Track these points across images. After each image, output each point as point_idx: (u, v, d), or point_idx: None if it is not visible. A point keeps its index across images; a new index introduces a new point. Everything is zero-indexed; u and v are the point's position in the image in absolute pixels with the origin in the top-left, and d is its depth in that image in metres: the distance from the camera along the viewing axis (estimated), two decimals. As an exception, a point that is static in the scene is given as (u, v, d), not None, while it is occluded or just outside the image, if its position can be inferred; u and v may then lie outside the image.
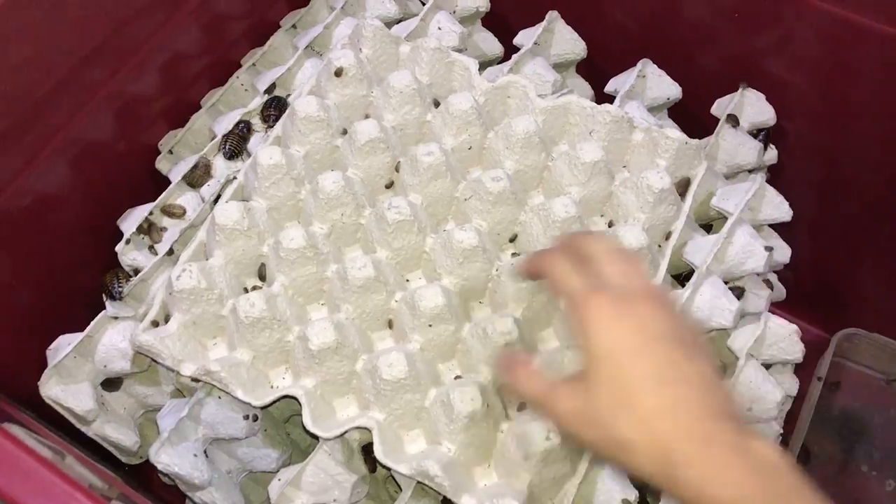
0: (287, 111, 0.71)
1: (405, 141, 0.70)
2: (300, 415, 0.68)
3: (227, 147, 0.72)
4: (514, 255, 0.66)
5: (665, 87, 0.77)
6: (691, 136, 0.68)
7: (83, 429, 0.66)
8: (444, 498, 0.60)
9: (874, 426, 0.83)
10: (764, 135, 0.76)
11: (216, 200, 0.70)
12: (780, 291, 0.76)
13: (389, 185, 0.69)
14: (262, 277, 0.66)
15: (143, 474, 0.71)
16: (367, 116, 0.71)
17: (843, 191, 0.79)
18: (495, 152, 0.68)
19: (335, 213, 0.64)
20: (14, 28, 0.63)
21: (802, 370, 0.71)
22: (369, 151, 0.66)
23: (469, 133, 0.68)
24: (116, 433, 0.66)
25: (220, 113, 0.78)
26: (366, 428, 0.58)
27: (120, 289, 0.67)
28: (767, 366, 0.66)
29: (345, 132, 0.69)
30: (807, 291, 0.81)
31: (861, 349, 0.84)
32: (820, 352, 0.81)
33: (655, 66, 0.77)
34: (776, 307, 0.74)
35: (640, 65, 0.76)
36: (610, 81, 0.78)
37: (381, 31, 0.73)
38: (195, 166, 0.72)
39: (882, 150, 0.73)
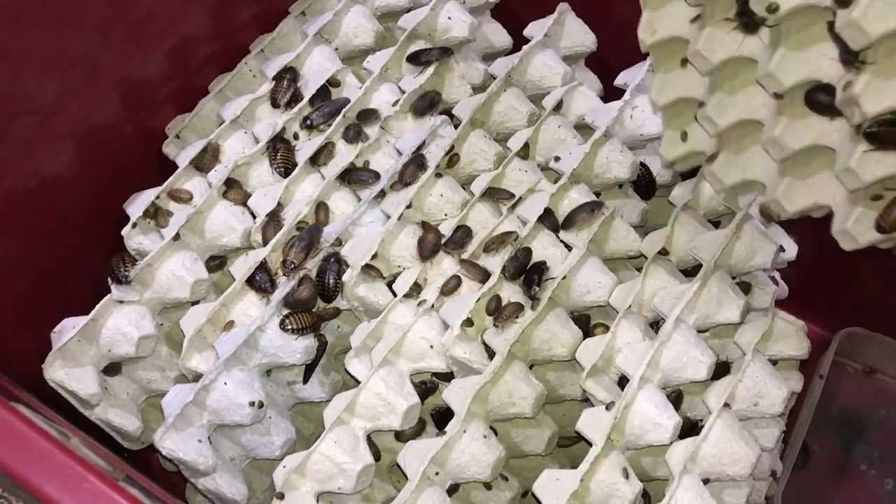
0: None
1: None
2: (304, 403, 0.69)
3: (277, 163, 0.71)
4: None
5: (674, 82, 0.77)
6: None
7: (86, 413, 0.65)
8: (450, 487, 0.60)
9: (874, 425, 0.84)
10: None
11: (225, 183, 0.70)
12: (783, 289, 0.76)
13: None
14: None
15: (142, 460, 0.71)
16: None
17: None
18: None
19: None
20: (22, 10, 0.62)
21: (803, 368, 0.71)
22: None
23: None
24: (119, 418, 0.66)
25: (227, 98, 0.78)
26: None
27: (126, 273, 0.66)
28: (773, 362, 0.66)
29: None
30: (809, 289, 0.81)
31: (863, 348, 0.84)
32: (821, 350, 0.82)
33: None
34: (778, 305, 0.74)
35: (650, 59, 0.76)
36: (620, 75, 0.78)
37: None
38: (204, 150, 0.72)
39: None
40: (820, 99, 0.52)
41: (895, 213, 0.51)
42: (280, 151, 0.71)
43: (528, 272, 0.65)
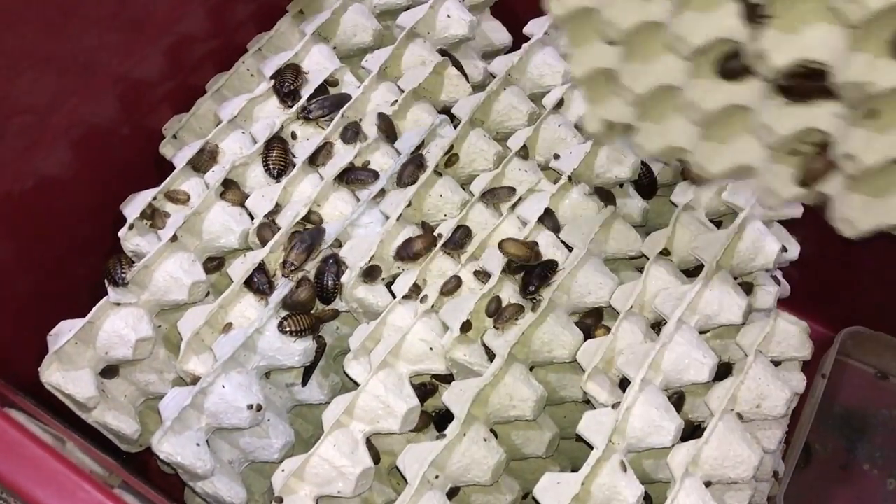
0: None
1: None
2: (303, 405, 0.68)
3: (270, 166, 0.71)
4: None
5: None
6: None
7: (83, 416, 0.65)
8: (450, 490, 0.60)
9: (876, 425, 0.83)
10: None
11: (223, 184, 0.69)
12: (785, 288, 0.75)
13: None
14: None
15: (140, 462, 0.71)
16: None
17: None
18: None
19: None
20: (16, 9, 0.62)
21: (805, 367, 0.70)
22: None
23: None
24: (117, 421, 0.65)
25: (225, 98, 0.77)
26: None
27: (123, 275, 0.66)
28: (776, 363, 0.66)
29: None
30: (811, 289, 0.80)
31: (865, 347, 0.84)
32: (823, 349, 0.81)
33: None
34: (780, 304, 0.74)
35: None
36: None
37: None
38: (201, 150, 0.71)
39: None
40: (733, 66, 0.52)
41: (815, 167, 0.51)
42: (274, 151, 0.71)
43: (528, 273, 0.65)
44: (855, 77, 0.45)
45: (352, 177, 0.70)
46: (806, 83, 0.48)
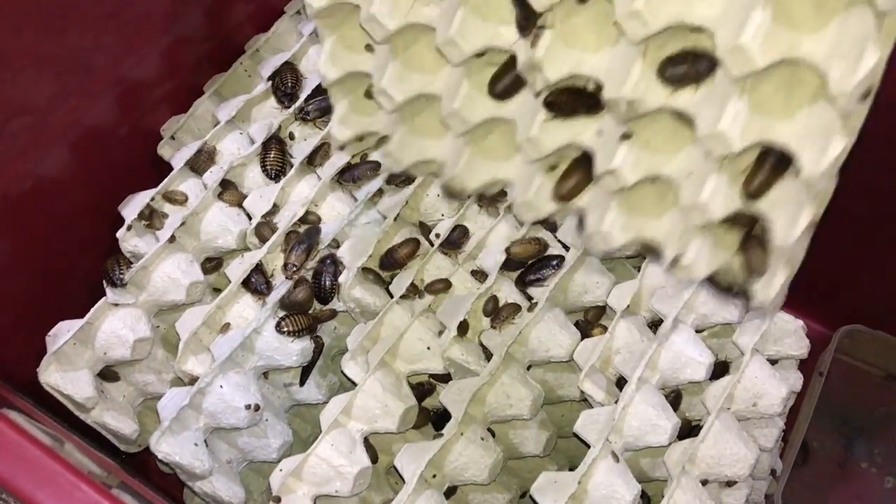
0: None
1: None
2: (301, 405, 0.69)
3: (268, 167, 0.71)
4: None
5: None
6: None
7: (82, 416, 0.65)
8: (448, 489, 0.60)
9: (874, 423, 0.83)
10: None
11: (221, 185, 0.69)
12: (783, 286, 0.75)
13: None
14: None
15: (140, 462, 0.71)
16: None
17: (847, 187, 0.79)
18: None
19: None
20: (14, 10, 0.62)
21: (803, 366, 0.70)
22: None
23: None
24: (116, 421, 0.66)
25: (223, 99, 0.77)
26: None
27: (121, 275, 0.66)
28: (773, 361, 0.66)
29: None
30: (808, 287, 0.80)
31: (862, 345, 0.84)
32: (821, 347, 0.81)
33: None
34: (778, 302, 0.74)
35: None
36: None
37: None
38: (199, 151, 0.71)
39: (886, 145, 0.73)
40: (505, 84, 0.51)
41: (571, 182, 0.51)
42: (272, 152, 0.71)
43: (529, 268, 0.65)
44: (626, 94, 0.45)
45: (355, 173, 0.70)
46: (573, 99, 0.48)
